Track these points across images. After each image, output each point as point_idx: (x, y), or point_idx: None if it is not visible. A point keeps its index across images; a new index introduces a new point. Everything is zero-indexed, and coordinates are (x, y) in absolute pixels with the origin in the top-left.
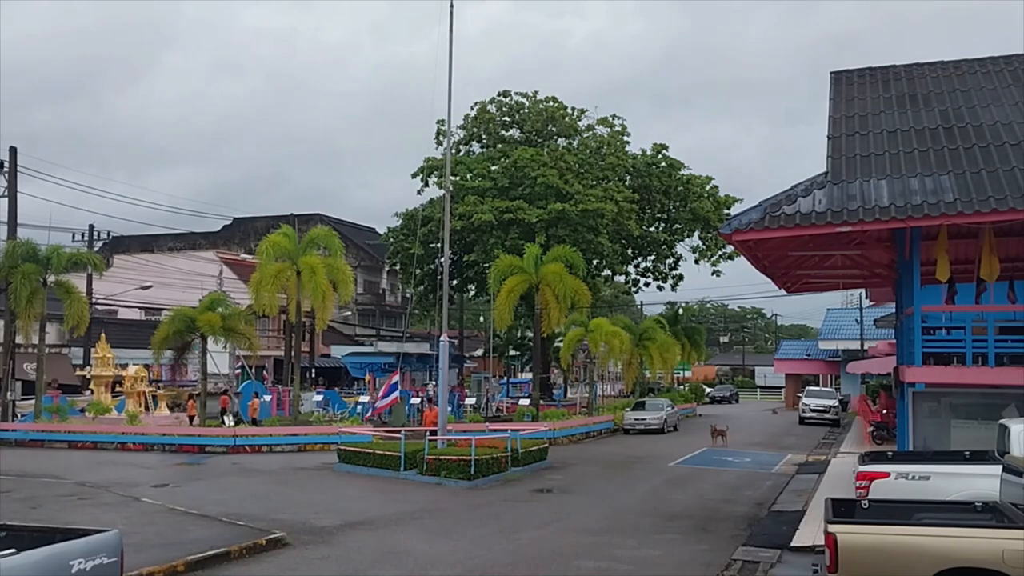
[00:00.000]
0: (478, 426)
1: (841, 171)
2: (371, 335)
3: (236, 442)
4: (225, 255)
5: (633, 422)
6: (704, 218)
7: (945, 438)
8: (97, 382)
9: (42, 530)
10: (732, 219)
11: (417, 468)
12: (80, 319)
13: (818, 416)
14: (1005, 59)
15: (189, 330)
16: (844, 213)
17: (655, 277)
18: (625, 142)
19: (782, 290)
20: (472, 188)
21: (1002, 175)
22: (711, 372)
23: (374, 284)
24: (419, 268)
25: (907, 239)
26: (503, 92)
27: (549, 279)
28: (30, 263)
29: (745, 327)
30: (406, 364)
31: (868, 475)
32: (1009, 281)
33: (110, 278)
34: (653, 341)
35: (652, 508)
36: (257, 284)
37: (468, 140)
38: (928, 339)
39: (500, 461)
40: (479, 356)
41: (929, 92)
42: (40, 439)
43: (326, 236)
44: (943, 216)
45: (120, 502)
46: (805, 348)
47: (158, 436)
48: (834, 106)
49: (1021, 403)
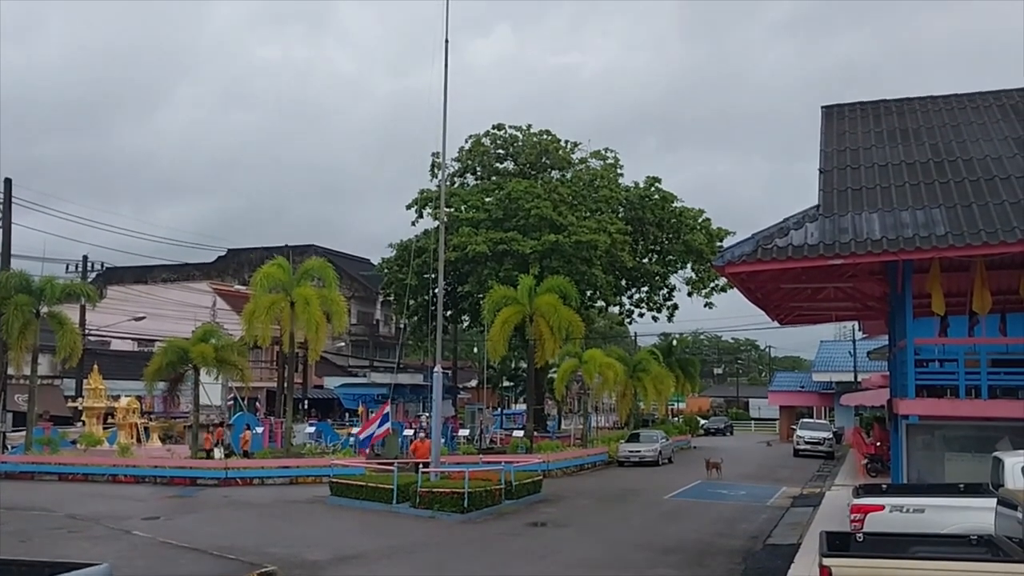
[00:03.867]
0: (472, 458)
1: (833, 204)
2: (364, 366)
3: (228, 475)
4: (219, 286)
5: (628, 454)
6: (697, 250)
7: (939, 471)
8: (89, 414)
9: (31, 564)
10: (725, 251)
11: (410, 501)
12: (73, 350)
13: (812, 448)
14: (994, 94)
15: (182, 361)
16: (836, 246)
17: (649, 308)
18: (618, 175)
19: (775, 322)
20: (466, 219)
21: (993, 209)
22: (705, 404)
23: (368, 315)
24: (413, 299)
25: (899, 272)
26: (497, 125)
27: (543, 310)
28: (23, 294)
29: (739, 359)
30: (400, 395)
31: (863, 508)
32: (1001, 314)
33: (103, 309)
34: (647, 372)
35: (647, 542)
36: (250, 315)
37: (463, 172)
38: (921, 371)
39: (494, 494)
40: (473, 387)
41: (920, 126)
42: (30, 471)
43: (320, 267)
44: (935, 249)
45: (111, 535)
46: (799, 380)
47: (149, 468)
48: (825, 140)
49: (1015, 436)
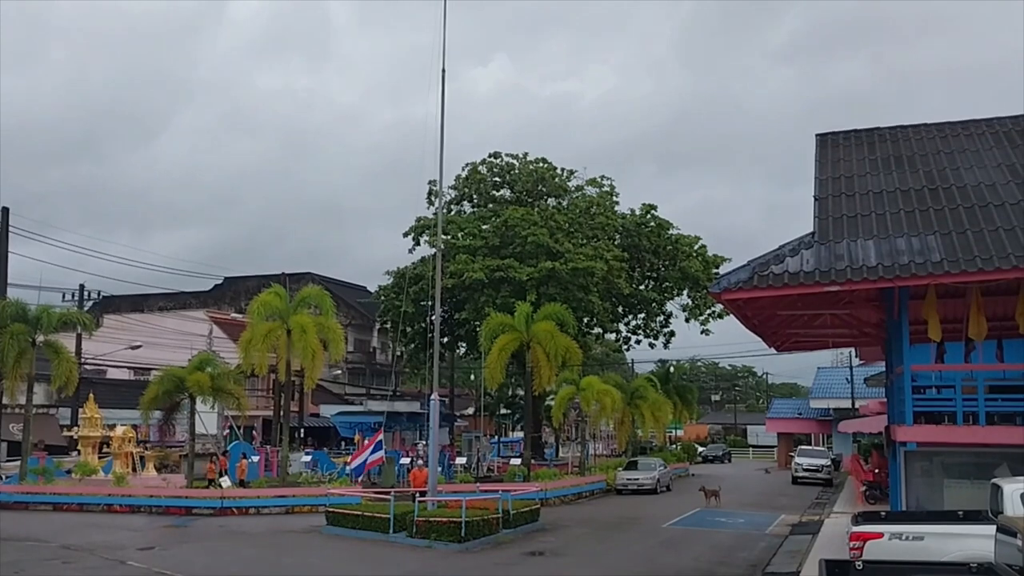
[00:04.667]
0: (469, 487)
1: (828, 231)
2: (361, 394)
3: (223, 504)
4: (215, 314)
5: (626, 482)
6: (693, 277)
7: (938, 498)
8: (84, 443)
9: None
10: (721, 278)
11: (407, 530)
12: (68, 379)
13: (811, 476)
14: (987, 121)
15: (178, 390)
16: (832, 273)
17: (646, 335)
18: (614, 202)
19: (772, 348)
20: (463, 247)
21: (987, 235)
22: (703, 431)
23: (365, 342)
24: (410, 326)
25: (895, 299)
26: (494, 153)
27: (540, 337)
28: (20, 323)
29: (736, 385)
30: (396, 423)
31: (862, 536)
32: (997, 340)
33: (100, 338)
34: (645, 399)
35: (646, 571)
36: (247, 343)
37: (459, 200)
38: (919, 398)
39: (491, 523)
40: (470, 415)
41: (914, 154)
42: (25, 501)
43: (317, 295)
44: (930, 276)
45: (105, 565)
46: (796, 407)
47: (145, 498)
48: (820, 167)
49: (1013, 462)
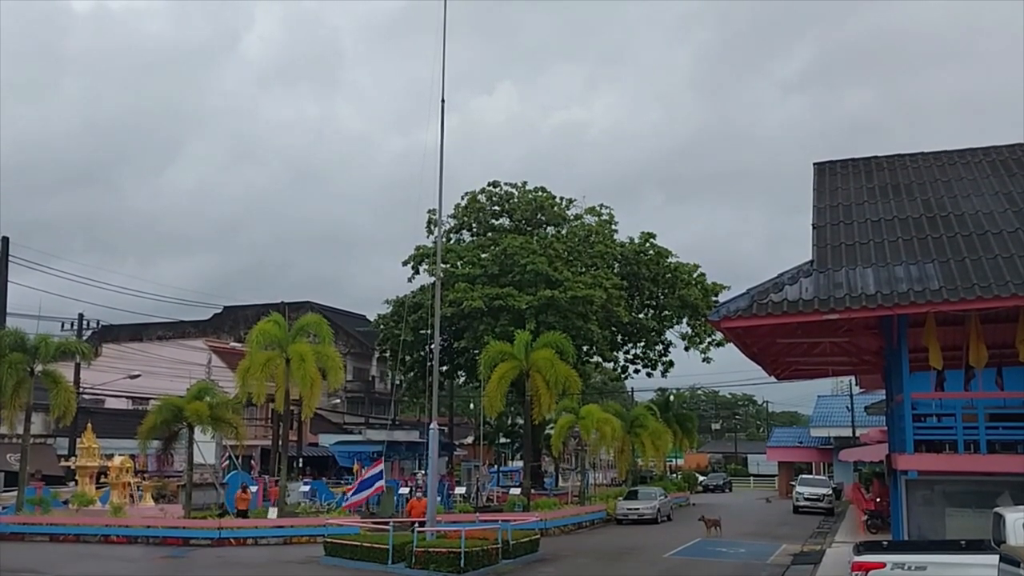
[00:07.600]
0: (468, 516)
1: (827, 259)
2: (360, 423)
3: (221, 534)
4: (214, 343)
5: (626, 511)
6: (693, 305)
7: (940, 526)
8: (82, 473)
9: None
10: (720, 307)
11: (406, 561)
12: (67, 409)
13: (812, 505)
14: (984, 150)
15: (176, 419)
16: (831, 301)
17: (644, 364)
18: (613, 230)
19: (772, 377)
20: (462, 275)
21: (986, 263)
22: (703, 460)
23: (364, 371)
24: (409, 355)
25: (894, 326)
26: (493, 182)
27: (539, 365)
28: (18, 352)
29: (737, 414)
30: (395, 452)
31: (864, 565)
32: (997, 367)
33: (98, 367)
34: (644, 428)
35: None
36: (245, 372)
37: (459, 229)
38: (919, 426)
39: (491, 553)
40: (469, 444)
41: (911, 182)
42: (21, 532)
43: (316, 323)
44: (929, 304)
45: None
46: (797, 435)
47: (142, 528)
48: (818, 196)
49: (1015, 491)
